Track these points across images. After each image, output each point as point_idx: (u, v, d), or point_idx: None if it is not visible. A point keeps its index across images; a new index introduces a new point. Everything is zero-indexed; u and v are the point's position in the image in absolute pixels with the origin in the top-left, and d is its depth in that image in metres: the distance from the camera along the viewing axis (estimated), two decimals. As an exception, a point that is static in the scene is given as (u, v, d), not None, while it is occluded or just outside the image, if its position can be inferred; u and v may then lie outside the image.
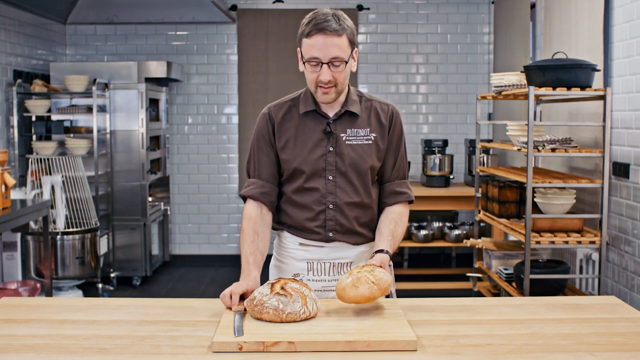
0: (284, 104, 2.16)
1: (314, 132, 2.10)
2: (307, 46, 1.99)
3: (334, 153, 2.09)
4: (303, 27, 2.01)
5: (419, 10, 6.35)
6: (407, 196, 2.18)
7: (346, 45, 1.99)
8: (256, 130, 2.17)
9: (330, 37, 1.96)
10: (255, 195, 2.13)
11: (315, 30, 1.96)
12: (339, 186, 2.10)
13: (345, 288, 1.81)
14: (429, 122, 6.41)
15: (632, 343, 1.69)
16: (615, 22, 3.73)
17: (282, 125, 2.13)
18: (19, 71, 5.26)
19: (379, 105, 2.16)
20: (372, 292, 1.80)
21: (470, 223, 5.70)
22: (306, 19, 2.01)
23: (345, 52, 1.99)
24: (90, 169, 5.34)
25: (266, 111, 2.17)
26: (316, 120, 2.11)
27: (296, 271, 2.16)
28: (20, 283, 4.54)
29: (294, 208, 2.14)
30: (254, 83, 6.33)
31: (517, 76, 3.84)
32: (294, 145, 2.10)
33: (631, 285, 3.62)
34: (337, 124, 2.10)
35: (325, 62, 1.98)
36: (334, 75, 2.00)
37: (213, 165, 6.48)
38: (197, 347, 1.65)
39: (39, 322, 1.84)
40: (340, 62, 1.99)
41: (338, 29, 1.96)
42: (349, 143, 2.09)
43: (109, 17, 6.17)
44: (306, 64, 2.01)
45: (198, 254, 6.53)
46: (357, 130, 2.11)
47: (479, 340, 1.70)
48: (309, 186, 2.10)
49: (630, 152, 3.57)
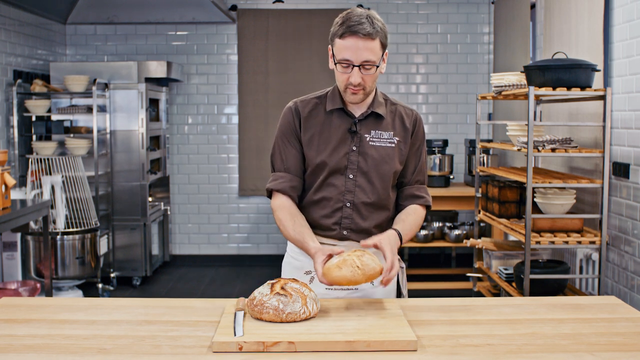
0: (311, 100, 2.17)
1: (338, 130, 2.11)
2: (340, 47, 1.99)
3: (357, 152, 2.10)
4: (336, 27, 2.00)
5: (419, 10, 6.35)
6: (424, 200, 2.19)
7: (378, 48, 1.99)
8: (282, 124, 2.17)
9: (363, 41, 1.96)
10: (285, 189, 2.13)
11: (348, 32, 1.96)
12: (358, 185, 2.10)
13: (330, 268, 1.84)
14: (429, 122, 6.42)
15: (632, 343, 1.69)
16: (615, 22, 3.73)
17: (308, 121, 2.13)
18: (19, 71, 5.26)
19: (404, 110, 2.18)
20: (354, 276, 1.82)
21: (470, 223, 5.70)
22: (339, 19, 2.01)
23: (377, 55, 1.99)
24: (90, 169, 5.34)
25: (292, 105, 2.17)
26: (342, 119, 2.12)
27: (308, 268, 2.16)
28: (20, 283, 4.54)
29: (311, 204, 2.14)
30: (254, 83, 6.33)
31: (517, 76, 3.84)
32: (318, 141, 2.11)
33: (631, 285, 3.62)
34: (362, 124, 2.11)
35: (356, 65, 1.98)
36: (364, 78, 2.01)
37: (213, 165, 6.48)
38: (197, 347, 1.65)
39: (39, 322, 1.84)
40: (372, 65, 1.99)
41: (371, 32, 1.96)
42: (372, 144, 2.10)
43: (109, 17, 6.17)
44: (337, 65, 2.02)
45: (198, 254, 6.53)
46: (381, 132, 2.12)
47: (479, 340, 1.70)
48: (329, 183, 2.11)
49: (630, 152, 3.57)
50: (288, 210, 2.10)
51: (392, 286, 2.21)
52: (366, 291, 2.15)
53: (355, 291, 2.14)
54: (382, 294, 2.17)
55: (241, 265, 6.45)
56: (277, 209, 2.12)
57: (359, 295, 2.13)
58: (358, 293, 2.14)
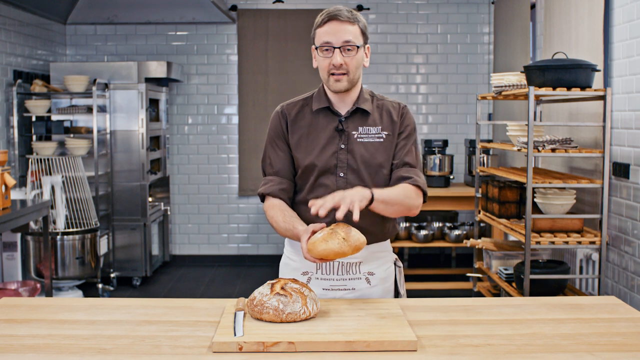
0: (297, 102, 2.20)
1: (325, 129, 2.12)
2: (320, 34, 2.06)
3: (346, 150, 2.10)
4: (317, 20, 2.08)
5: (419, 11, 6.35)
6: (413, 180, 2.09)
7: (358, 33, 2.06)
8: (270, 128, 2.20)
9: (343, 24, 2.03)
10: (275, 193, 2.14)
11: (327, 18, 2.05)
12: (349, 183, 2.10)
13: (316, 242, 1.84)
14: (429, 122, 6.41)
15: (632, 343, 1.69)
16: (615, 22, 3.73)
17: (295, 123, 2.15)
18: (19, 71, 5.26)
19: (390, 104, 2.19)
20: (341, 248, 1.82)
21: (470, 223, 5.70)
22: (319, 15, 2.08)
23: (358, 39, 2.05)
24: (90, 169, 5.34)
25: (279, 109, 2.20)
26: (328, 118, 2.13)
27: (305, 269, 2.16)
28: (20, 283, 4.54)
29: (305, 205, 2.14)
30: (254, 83, 6.33)
31: (517, 76, 3.83)
32: (306, 142, 2.13)
33: (631, 286, 3.62)
34: (348, 122, 2.13)
35: (337, 46, 2.03)
36: (346, 61, 2.04)
37: (213, 166, 6.48)
38: (197, 347, 1.65)
39: (39, 322, 1.84)
40: (353, 47, 2.04)
41: (350, 17, 2.04)
42: (360, 140, 2.11)
43: (109, 17, 6.17)
44: (318, 51, 2.06)
45: (198, 254, 6.53)
46: (368, 128, 2.13)
47: (479, 340, 1.70)
48: (320, 183, 2.12)
49: (630, 152, 3.57)
50: (278, 207, 2.11)
51: (390, 285, 2.21)
52: (363, 291, 2.14)
53: (352, 291, 2.13)
54: (379, 294, 2.16)
55: (241, 265, 6.45)
56: (268, 209, 2.14)
57: (356, 295, 2.13)
58: (355, 293, 2.13)
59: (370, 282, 2.14)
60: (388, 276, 2.20)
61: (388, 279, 2.20)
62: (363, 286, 2.14)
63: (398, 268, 2.26)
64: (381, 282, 2.17)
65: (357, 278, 2.14)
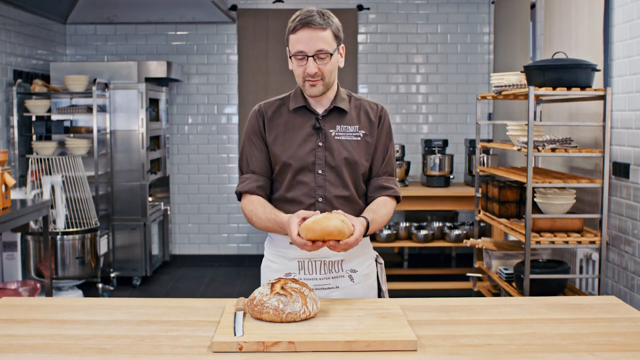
0: (274, 102, 2.22)
1: (303, 127, 2.14)
2: (294, 41, 2.07)
3: (324, 148, 2.12)
4: (289, 25, 2.09)
5: (419, 10, 6.35)
6: (393, 191, 2.19)
7: (331, 38, 2.06)
8: (247, 127, 2.21)
9: (315, 31, 2.03)
10: (252, 190, 2.14)
11: (300, 25, 2.05)
12: (328, 180, 2.12)
13: (318, 220, 1.84)
14: (429, 122, 6.41)
15: (632, 343, 1.69)
16: (615, 22, 3.73)
17: (272, 121, 2.17)
18: (19, 71, 5.26)
19: (368, 104, 2.21)
20: (342, 226, 1.84)
21: (470, 223, 5.70)
22: (292, 18, 2.10)
23: (330, 45, 2.05)
24: (90, 169, 5.35)
25: (257, 108, 2.22)
26: (305, 117, 2.15)
27: (287, 270, 2.15)
28: (20, 283, 4.54)
29: (284, 204, 2.14)
30: (254, 83, 6.34)
31: (517, 76, 3.83)
32: (283, 139, 2.14)
33: (631, 285, 3.62)
34: (326, 120, 2.14)
35: (310, 55, 2.04)
36: (320, 68, 2.05)
37: (213, 165, 6.48)
38: (197, 347, 1.65)
39: (39, 322, 1.84)
40: (326, 54, 2.05)
41: (322, 23, 2.04)
42: (338, 139, 2.13)
43: (109, 17, 6.17)
44: (293, 59, 2.08)
45: (198, 254, 6.53)
46: (346, 126, 2.15)
47: (479, 340, 1.70)
48: (299, 180, 2.13)
49: (630, 152, 3.57)
50: (257, 202, 2.12)
51: (373, 282, 2.23)
52: (347, 289, 2.15)
53: (336, 289, 2.14)
54: (363, 291, 2.17)
55: (241, 265, 6.45)
56: (246, 205, 2.14)
57: (340, 294, 2.13)
58: (339, 291, 2.14)
59: (354, 279, 2.15)
60: (370, 272, 2.22)
61: (370, 276, 2.22)
62: (347, 284, 2.15)
63: (379, 265, 2.27)
64: (364, 279, 2.18)
65: (341, 276, 2.15)
